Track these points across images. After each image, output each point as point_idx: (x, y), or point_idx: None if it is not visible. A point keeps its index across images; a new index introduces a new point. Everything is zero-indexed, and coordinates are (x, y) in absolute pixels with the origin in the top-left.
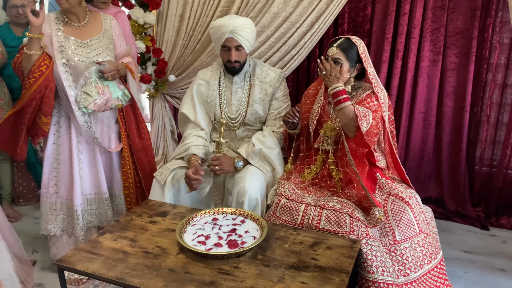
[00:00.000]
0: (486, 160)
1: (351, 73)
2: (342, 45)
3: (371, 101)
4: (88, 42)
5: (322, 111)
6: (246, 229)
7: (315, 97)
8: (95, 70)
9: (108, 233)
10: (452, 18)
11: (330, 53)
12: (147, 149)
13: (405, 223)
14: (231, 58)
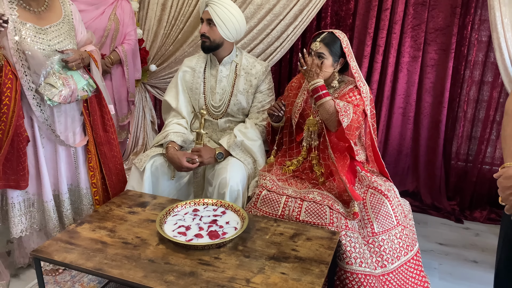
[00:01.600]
0: (462, 155)
1: (335, 68)
2: (325, 39)
3: (353, 95)
4: (48, 28)
5: (305, 105)
6: (227, 220)
7: (298, 90)
8: (58, 60)
9: (86, 223)
10: (433, 15)
11: (314, 47)
12: (112, 143)
13: (383, 215)
14: (200, 30)
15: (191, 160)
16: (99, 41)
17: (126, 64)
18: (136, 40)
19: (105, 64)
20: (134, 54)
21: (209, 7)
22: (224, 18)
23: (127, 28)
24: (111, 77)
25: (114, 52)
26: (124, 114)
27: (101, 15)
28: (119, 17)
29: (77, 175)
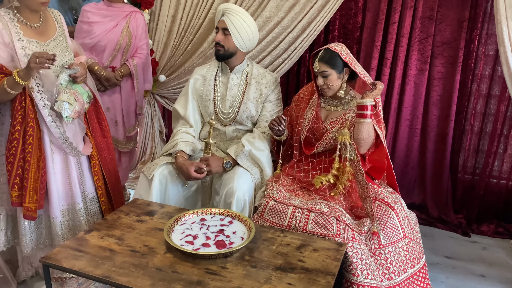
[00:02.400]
0: (469, 168)
1: (342, 79)
2: (323, 58)
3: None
4: (49, 43)
5: (315, 120)
6: (234, 230)
7: (307, 103)
8: (66, 75)
9: (95, 231)
10: (440, 29)
11: (315, 68)
12: (110, 147)
13: (390, 227)
14: (215, 38)
15: (199, 170)
16: (111, 54)
17: (136, 77)
18: (148, 54)
19: (115, 77)
20: (145, 67)
21: (225, 16)
22: (239, 28)
23: (139, 42)
24: (121, 89)
25: (124, 65)
26: (131, 125)
27: (114, 28)
28: (132, 30)
29: (83, 182)
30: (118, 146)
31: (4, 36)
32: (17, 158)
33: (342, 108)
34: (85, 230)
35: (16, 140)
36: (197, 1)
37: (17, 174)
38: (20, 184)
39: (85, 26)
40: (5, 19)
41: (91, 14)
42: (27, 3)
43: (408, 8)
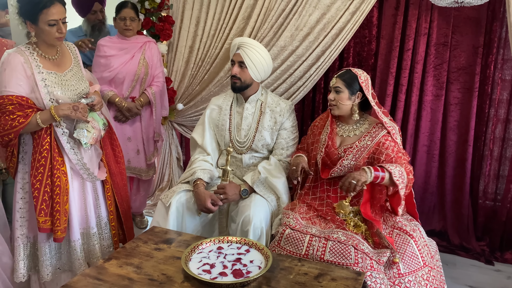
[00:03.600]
0: (490, 194)
1: (353, 101)
2: (342, 75)
3: (389, 144)
4: (67, 74)
5: (329, 144)
6: (251, 259)
7: (322, 128)
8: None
9: (114, 259)
10: (455, 55)
11: (331, 83)
12: (123, 173)
13: (410, 256)
14: (232, 71)
15: (214, 202)
16: (130, 85)
17: (155, 105)
18: (164, 81)
19: (135, 107)
20: (162, 94)
21: (241, 50)
22: (255, 61)
23: (155, 70)
24: (141, 118)
25: (143, 95)
26: (151, 153)
27: (131, 60)
28: (148, 60)
29: (98, 207)
30: (141, 175)
31: (26, 69)
32: (43, 184)
33: (354, 133)
34: (104, 258)
35: (43, 166)
36: (214, 32)
37: (43, 200)
38: (46, 210)
39: (102, 60)
40: (26, 53)
41: (107, 48)
42: (44, 38)
43: (422, 35)
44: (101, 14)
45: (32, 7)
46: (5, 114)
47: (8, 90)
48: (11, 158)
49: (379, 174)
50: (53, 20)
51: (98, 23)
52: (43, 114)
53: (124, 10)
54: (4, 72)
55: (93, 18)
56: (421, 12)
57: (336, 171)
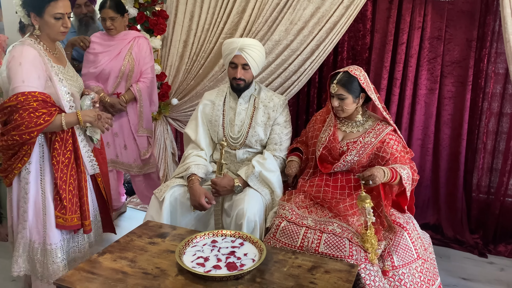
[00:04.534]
0: (483, 187)
1: (357, 103)
2: (341, 80)
3: (394, 142)
4: (68, 69)
5: (332, 138)
6: (245, 252)
7: (323, 123)
8: (89, 101)
9: (108, 253)
10: (449, 48)
11: (332, 90)
12: (105, 164)
13: (403, 248)
14: (237, 75)
15: (208, 200)
16: (115, 81)
17: (141, 102)
18: (153, 77)
19: (119, 103)
20: (150, 91)
21: (244, 52)
22: (257, 60)
23: (143, 66)
24: (127, 114)
25: (129, 91)
26: (144, 149)
27: (117, 56)
28: (134, 56)
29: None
30: (132, 171)
31: (41, 63)
32: (67, 183)
33: (357, 129)
34: (98, 252)
35: (66, 167)
36: (208, 27)
37: (69, 199)
38: (72, 208)
39: (91, 56)
40: (36, 47)
41: (97, 45)
42: (49, 31)
43: (416, 29)
44: (86, 8)
45: (40, 0)
46: (29, 111)
47: (28, 85)
48: (22, 158)
49: (394, 175)
50: (59, 13)
51: (84, 18)
52: (68, 117)
53: (103, 11)
54: (19, 66)
55: (78, 12)
56: (415, 6)
57: (339, 166)
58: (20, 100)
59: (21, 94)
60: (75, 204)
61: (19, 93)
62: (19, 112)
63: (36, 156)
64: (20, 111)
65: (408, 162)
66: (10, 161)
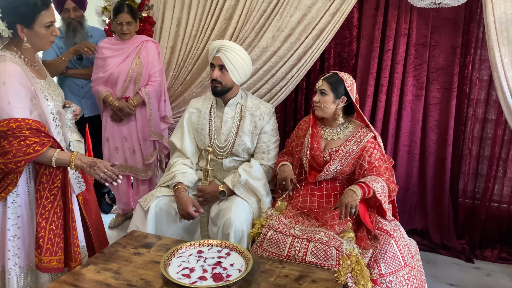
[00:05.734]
0: (469, 193)
1: (337, 104)
2: (328, 78)
3: (373, 150)
4: (49, 82)
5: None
6: (231, 262)
7: (307, 131)
8: (70, 114)
9: (92, 264)
10: (434, 55)
11: (317, 85)
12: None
13: (390, 256)
14: (212, 75)
15: (196, 208)
16: (123, 85)
17: (149, 105)
18: (162, 81)
19: (127, 107)
20: (159, 94)
21: (220, 53)
22: (235, 64)
23: (152, 69)
24: (136, 118)
25: (137, 95)
26: (149, 153)
27: (125, 60)
28: (142, 60)
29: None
30: (137, 174)
31: (25, 81)
32: (49, 222)
33: (338, 137)
34: (82, 264)
35: (51, 204)
36: (195, 33)
37: (49, 239)
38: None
39: (100, 61)
40: (18, 62)
41: (105, 50)
42: (36, 42)
43: (401, 35)
44: (74, 13)
45: (30, 10)
46: (20, 138)
47: (14, 106)
48: (7, 187)
49: (365, 191)
50: (50, 22)
51: (72, 22)
52: (61, 155)
53: (120, 15)
54: (3, 86)
55: (66, 16)
56: (400, 13)
57: (323, 176)
58: (12, 127)
59: (14, 120)
60: (56, 245)
61: (12, 119)
62: (8, 139)
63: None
64: (10, 138)
65: (384, 171)
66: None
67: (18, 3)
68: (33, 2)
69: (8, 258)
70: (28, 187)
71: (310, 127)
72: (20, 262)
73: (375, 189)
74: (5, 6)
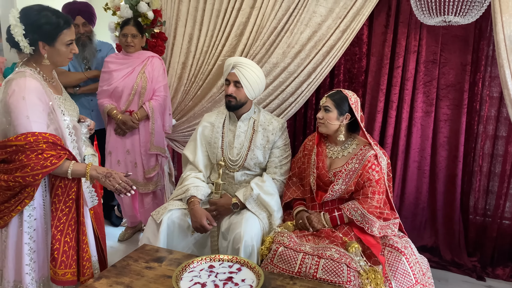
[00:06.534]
0: (480, 210)
1: (341, 121)
2: (333, 96)
3: (374, 169)
4: (65, 97)
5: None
6: (242, 278)
7: (313, 149)
8: (85, 129)
9: (104, 278)
10: (444, 72)
11: (321, 102)
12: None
13: (401, 273)
14: (227, 91)
15: (210, 222)
16: (127, 98)
17: (153, 119)
18: (166, 96)
19: (131, 120)
20: (163, 109)
21: (236, 69)
22: (250, 80)
23: (156, 84)
24: (139, 131)
25: (141, 109)
26: (151, 167)
27: (130, 74)
28: (147, 75)
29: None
30: (138, 188)
31: (45, 96)
32: (64, 234)
33: (342, 155)
34: (94, 278)
35: (66, 216)
36: (207, 49)
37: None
38: (67, 261)
39: (105, 75)
40: (38, 78)
41: (111, 64)
42: (56, 59)
43: (411, 52)
44: (84, 28)
45: (53, 29)
46: (37, 152)
47: (33, 121)
48: (23, 200)
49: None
50: (70, 40)
51: (81, 37)
52: (76, 166)
53: (126, 27)
54: (23, 101)
55: (75, 31)
56: (410, 30)
57: (329, 197)
58: (29, 141)
59: (31, 134)
60: (71, 258)
61: (29, 133)
62: (26, 153)
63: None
64: (28, 151)
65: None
66: (9, 203)
67: (42, 22)
68: (56, 21)
69: (26, 272)
70: (43, 200)
71: (315, 145)
72: (36, 276)
73: (351, 217)
74: (29, 24)
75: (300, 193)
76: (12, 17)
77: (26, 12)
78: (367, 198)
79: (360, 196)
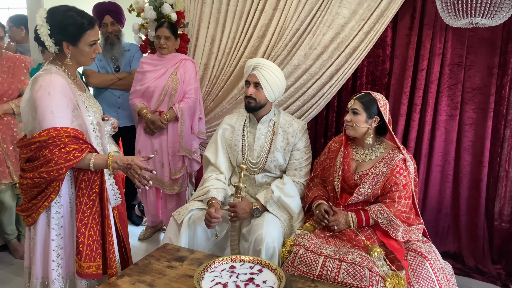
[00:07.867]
0: (505, 216)
1: (369, 124)
2: (361, 98)
3: (402, 174)
4: (89, 95)
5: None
6: (264, 279)
7: (338, 151)
8: (109, 127)
9: (126, 276)
10: (470, 75)
11: (349, 104)
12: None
13: (425, 279)
14: (246, 92)
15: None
16: (158, 99)
17: (182, 121)
18: (196, 99)
19: (159, 120)
20: (192, 111)
21: (256, 70)
22: (270, 81)
23: (187, 87)
24: (167, 132)
25: (171, 109)
26: (177, 168)
27: (163, 75)
28: (179, 77)
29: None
30: (164, 188)
31: (69, 93)
32: (88, 227)
33: (370, 158)
34: (117, 275)
35: (90, 209)
36: (229, 51)
37: (88, 245)
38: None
39: (139, 75)
40: (63, 75)
41: (145, 65)
42: (79, 59)
43: (436, 55)
44: (112, 27)
45: (77, 29)
46: (60, 146)
47: (57, 116)
48: (50, 196)
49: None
50: (94, 40)
51: (110, 36)
52: (98, 158)
53: (160, 29)
54: (48, 96)
55: (104, 31)
56: (435, 33)
57: (354, 199)
58: (52, 136)
59: (53, 129)
60: (95, 251)
61: (51, 128)
62: (49, 148)
63: (65, 187)
64: (51, 146)
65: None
66: (36, 199)
67: (67, 23)
68: (80, 21)
69: (52, 268)
70: (70, 198)
71: (342, 147)
72: (62, 272)
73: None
74: (54, 24)
75: (321, 193)
76: (39, 17)
77: (52, 12)
78: (393, 202)
79: (387, 200)
